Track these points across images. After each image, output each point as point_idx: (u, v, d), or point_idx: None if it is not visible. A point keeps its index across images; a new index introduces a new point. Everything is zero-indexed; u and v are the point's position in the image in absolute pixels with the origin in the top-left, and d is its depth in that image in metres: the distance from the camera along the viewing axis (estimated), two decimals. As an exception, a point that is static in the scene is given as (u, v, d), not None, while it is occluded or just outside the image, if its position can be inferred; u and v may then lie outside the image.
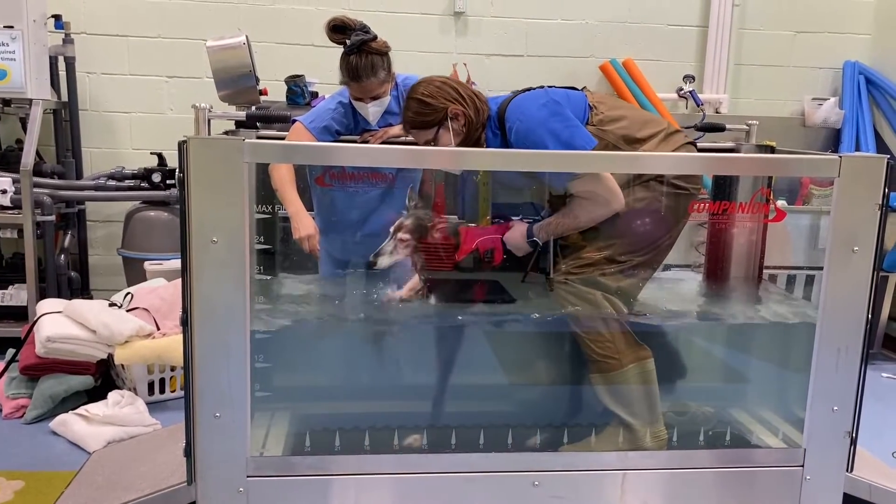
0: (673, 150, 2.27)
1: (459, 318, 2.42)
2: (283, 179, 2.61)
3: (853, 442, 2.20)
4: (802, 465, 2.21)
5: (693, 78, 4.72)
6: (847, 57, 4.82)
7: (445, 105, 2.26)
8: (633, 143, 2.26)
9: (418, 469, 2.14)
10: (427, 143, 2.31)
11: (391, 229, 2.35)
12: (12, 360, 3.35)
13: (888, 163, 2.06)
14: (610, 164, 2.20)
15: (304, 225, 2.61)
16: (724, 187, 2.70)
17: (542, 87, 2.34)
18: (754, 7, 4.82)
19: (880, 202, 2.07)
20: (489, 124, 2.31)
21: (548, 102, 2.22)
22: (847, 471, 2.22)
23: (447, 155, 2.23)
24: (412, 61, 4.30)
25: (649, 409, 2.33)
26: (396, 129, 2.73)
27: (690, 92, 4.64)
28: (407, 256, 2.36)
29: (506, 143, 2.27)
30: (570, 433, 2.37)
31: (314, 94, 4.10)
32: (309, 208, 2.91)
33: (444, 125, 2.26)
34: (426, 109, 2.27)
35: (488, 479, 2.15)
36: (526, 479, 2.15)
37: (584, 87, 2.40)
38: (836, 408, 2.17)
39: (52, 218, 3.99)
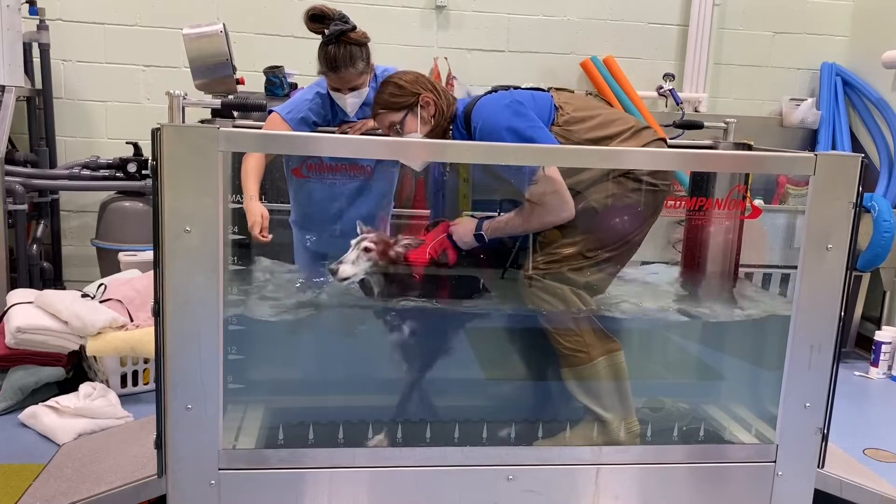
0: (642, 147, 2.27)
1: (432, 312, 2.41)
2: (247, 172, 2.55)
3: (825, 438, 2.22)
4: (774, 461, 2.23)
5: (673, 76, 4.74)
6: (825, 58, 4.87)
7: (419, 92, 2.31)
8: (599, 141, 2.27)
9: (392, 463, 2.13)
10: (391, 127, 2.32)
11: (353, 242, 2.30)
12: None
13: (862, 162, 2.08)
14: (586, 160, 2.20)
15: (252, 212, 2.51)
16: (701, 185, 2.71)
17: (507, 88, 2.36)
18: (734, 7, 4.85)
19: (854, 201, 2.09)
20: (456, 124, 2.34)
21: (511, 103, 2.25)
22: (818, 467, 2.24)
23: (426, 147, 2.23)
24: (393, 54, 4.29)
25: (621, 401, 2.33)
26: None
27: (670, 90, 4.66)
28: (370, 270, 2.30)
29: None
30: (545, 427, 2.37)
31: (293, 86, 4.06)
32: (286, 200, 2.89)
33: (414, 111, 2.30)
34: (400, 92, 2.31)
35: (462, 473, 2.15)
36: (500, 472, 2.15)
37: (550, 88, 2.42)
38: (808, 404, 2.19)
39: (25, 207, 3.93)
